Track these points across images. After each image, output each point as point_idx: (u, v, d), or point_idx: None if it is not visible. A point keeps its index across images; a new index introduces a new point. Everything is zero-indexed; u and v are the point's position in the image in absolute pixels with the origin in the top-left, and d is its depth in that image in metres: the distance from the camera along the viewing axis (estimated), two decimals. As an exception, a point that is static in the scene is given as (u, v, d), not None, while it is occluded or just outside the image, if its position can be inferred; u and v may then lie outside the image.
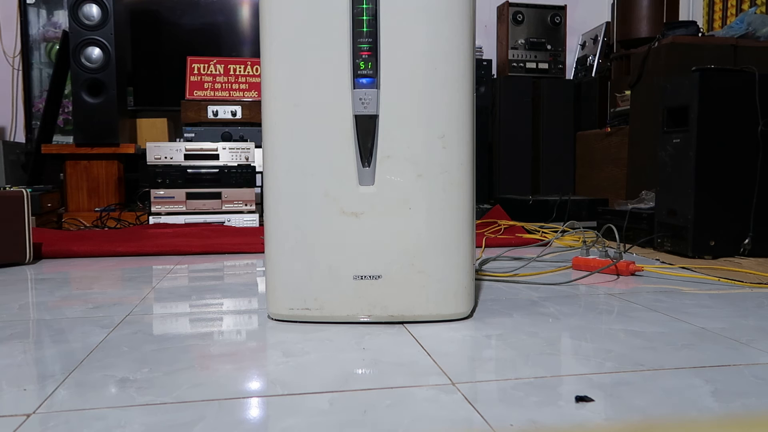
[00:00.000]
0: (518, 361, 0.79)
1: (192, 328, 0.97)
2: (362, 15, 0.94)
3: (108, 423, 0.60)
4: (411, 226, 0.96)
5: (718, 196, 1.66)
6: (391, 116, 0.95)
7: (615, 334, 0.91)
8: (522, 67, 3.15)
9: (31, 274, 1.48)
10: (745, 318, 1.01)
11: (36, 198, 2.28)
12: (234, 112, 2.74)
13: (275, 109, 0.96)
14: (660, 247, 1.77)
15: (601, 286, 1.29)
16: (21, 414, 0.62)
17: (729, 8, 3.12)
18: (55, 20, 3.02)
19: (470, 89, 0.97)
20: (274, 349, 0.85)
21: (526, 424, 0.59)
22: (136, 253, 1.77)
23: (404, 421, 0.60)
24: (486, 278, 1.35)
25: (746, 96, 1.66)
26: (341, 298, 0.97)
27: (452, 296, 0.98)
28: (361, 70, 0.95)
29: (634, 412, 0.62)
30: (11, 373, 0.75)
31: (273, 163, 0.97)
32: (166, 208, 2.41)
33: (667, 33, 2.20)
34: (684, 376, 0.73)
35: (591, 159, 2.90)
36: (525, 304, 1.11)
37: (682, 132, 1.69)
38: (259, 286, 1.31)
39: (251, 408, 0.64)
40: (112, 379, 0.73)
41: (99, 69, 2.56)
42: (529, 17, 3.15)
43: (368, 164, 0.96)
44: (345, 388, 0.69)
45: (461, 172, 0.97)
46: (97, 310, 1.09)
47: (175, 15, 3.00)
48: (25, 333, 0.94)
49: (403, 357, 0.81)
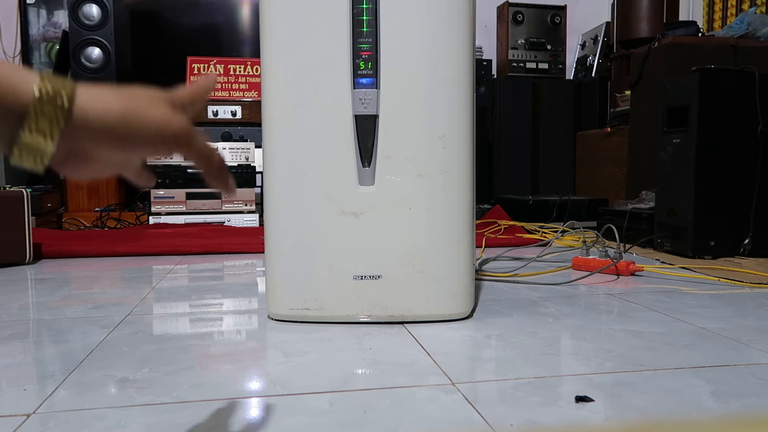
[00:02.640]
0: (518, 361, 0.79)
1: (192, 328, 0.97)
2: (362, 15, 0.94)
3: (108, 423, 0.60)
4: (411, 226, 0.96)
5: (718, 196, 1.66)
6: (391, 116, 0.95)
7: (615, 334, 0.91)
8: (522, 67, 3.15)
9: (31, 274, 1.48)
10: (745, 318, 1.01)
11: (36, 198, 2.28)
12: (234, 112, 2.74)
13: (275, 109, 0.96)
14: (660, 247, 1.77)
15: (601, 286, 1.29)
16: (21, 414, 0.62)
17: (729, 8, 3.12)
18: (55, 20, 3.02)
19: (470, 89, 0.97)
20: (274, 349, 0.85)
21: (526, 424, 0.59)
22: (136, 253, 1.77)
23: (404, 421, 0.60)
24: (486, 278, 1.35)
25: (746, 96, 1.66)
26: (341, 298, 0.97)
27: (452, 296, 0.98)
28: (361, 70, 0.95)
29: (634, 412, 0.62)
30: (11, 373, 0.75)
31: (273, 163, 0.97)
32: (166, 208, 2.41)
33: (667, 33, 2.20)
34: (684, 376, 0.73)
35: (591, 159, 2.90)
36: (525, 304, 1.11)
37: (682, 132, 1.69)
38: (259, 286, 1.31)
39: (251, 408, 0.64)
40: (112, 379, 0.73)
41: (99, 69, 2.56)
42: (529, 17, 3.15)
43: (368, 164, 0.96)
44: (345, 388, 0.69)
45: (461, 172, 0.97)
46: (97, 310, 1.09)
47: (175, 15, 3.00)
48: (25, 333, 0.94)
49: (403, 357, 0.81)
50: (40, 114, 0.34)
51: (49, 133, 0.35)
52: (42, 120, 0.34)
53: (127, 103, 0.38)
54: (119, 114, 0.37)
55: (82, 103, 0.36)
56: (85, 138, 0.37)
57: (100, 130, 0.37)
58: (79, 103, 0.36)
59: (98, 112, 0.37)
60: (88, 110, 0.36)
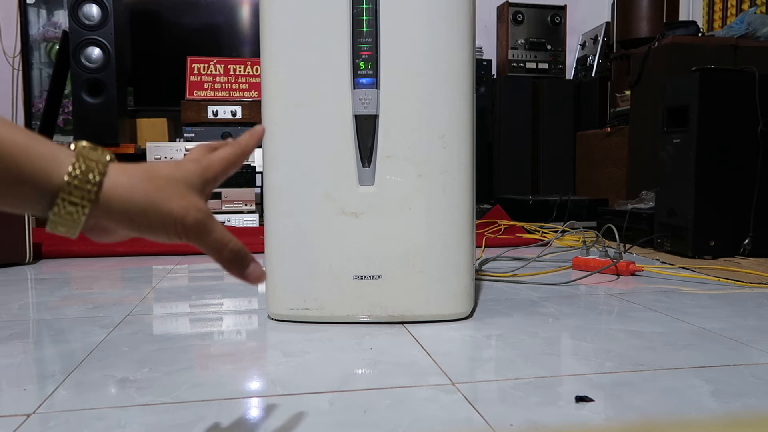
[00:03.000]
0: (518, 361, 0.79)
1: (192, 328, 0.97)
2: (362, 15, 0.94)
3: (108, 423, 0.60)
4: (411, 226, 0.96)
5: (718, 196, 1.66)
6: (391, 116, 0.95)
7: (615, 334, 0.91)
8: (522, 67, 3.15)
9: (31, 274, 1.48)
10: (745, 318, 1.01)
11: (36, 198, 2.27)
12: (234, 112, 2.74)
13: (275, 109, 0.96)
14: (660, 247, 1.77)
15: (601, 286, 1.29)
16: (21, 414, 0.62)
17: (729, 8, 3.12)
18: (55, 20, 3.02)
19: (470, 89, 0.97)
20: (274, 349, 0.85)
21: (526, 424, 0.59)
22: (135, 253, 1.77)
23: (404, 421, 0.60)
24: (486, 278, 1.35)
25: (746, 96, 1.66)
26: (341, 298, 0.97)
27: (452, 296, 0.98)
28: (361, 70, 0.95)
29: (634, 412, 0.62)
30: (11, 373, 0.75)
31: (273, 163, 0.97)
32: (166, 208, 2.41)
33: (667, 33, 2.20)
34: (684, 376, 0.73)
35: (591, 159, 2.90)
36: (525, 304, 1.11)
37: (682, 132, 1.69)
38: (259, 286, 1.31)
39: (251, 408, 0.64)
40: (112, 379, 0.73)
41: (99, 69, 2.56)
42: (529, 17, 3.15)
43: (368, 164, 0.96)
44: (345, 388, 0.69)
45: (461, 172, 0.97)
46: (97, 310, 1.09)
47: (175, 15, 3.00)
48: (25, 333, 0.94)
49: (403, 357, 0.81)
50: (67, 200, 0.37)
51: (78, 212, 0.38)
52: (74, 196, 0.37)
53: (150, 191, 0.40)
54: (140, 204, 0.39)
55: (109, 190, 0.38)
56: (106, 219, 0.39)
57: (120, 216, 0.39)
58: (107, 187, 0.38)
59: (122, 202, 0.39)
60: (113, 198, 0.38)
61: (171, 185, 0.41)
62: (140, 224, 0.39)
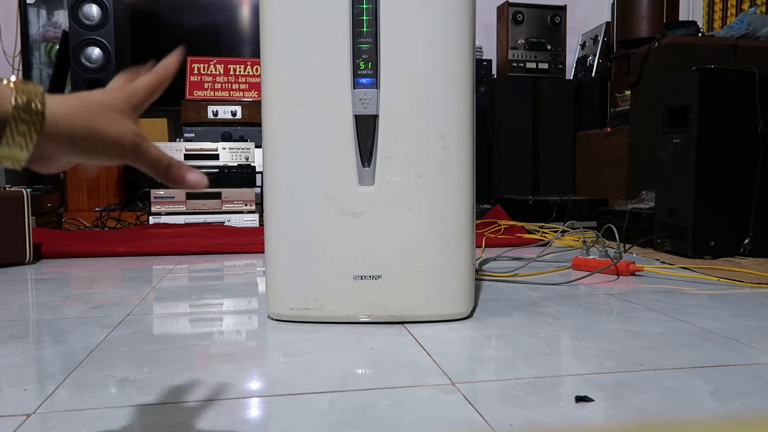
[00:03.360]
0: (518, 361, 0.79)
1: (192, 328, 0.97)
2: (362, 15, 0.94)
3: (108, 423, 0.60)
4: (411, 226, 0.96)
5: (718, 196, 1.66)
6: (391, 116, 0.95)
7: (615, 334, 0.91)
8: (522, 67, 3.15)
9: (31, 274, 1.48)
10: (745, 318, 1.01)
11: (36, 198, 2.28)
12: (234, 112, 2.74)
13: (275, 109, 0.96)
14: (660, 247, 1.77)
15: (601, 286, 1.29)
16: (21, 414, 0.62)
17: (729, 8, 3.12)
18: (55, 20, 3.02)
19: (470, 89, 0.97)
20: (274, 349, 0.85)
21: (526, 424, 0.59)
22: (136, 253, 1.77)
23: (404, 421, 0.60)
24: (486, 278, 1.35)
25: (746, 96, 1.66)
26: (341, 298, 0.97)
27: (452, 296, 0.98)
28: (361, 70, 0.95)
29: (634, 412, 0.62)
30: (11, 373, 0.75)
31: (273, 163, 0.97)
32: (166, 208, 2.41)
33: (667, 33, 2.20)
34: (684, 376, 0.73)
35: (591, 159, 2.90)
36: (525, 304, 1.11)
37: (682, 132, 1.69)
38: (259, 286, 1.31)
39: (251, 408, 0.64)
40: (112, 379, 0.73)
41: (99, 69, 2.56)
42: (529, 17, 3.15)
43: (368, 164, 0.96)
44: (345, 388, 0.69)
45: (461, 172, 0.97)
46: (97, 310, 1.09)
47: (175, 15, 3.00)
48: (25, 333, 0.94)
49: (402, 357, 0.81)
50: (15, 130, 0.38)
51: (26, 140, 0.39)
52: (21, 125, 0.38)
53: (89, 118, 0.42)
54: (81, 130, 0.41)
55: (53, 118, 0.40)
56: (53, 146, 0.40)
57: (66, 140, 0.41)
58: (50, 115, 0.40)
59: (65, 128, 0.40)
60: (58, 125, 0.40)
61: (105, 111, 0.43)
62: (83, 148, 0.41)
